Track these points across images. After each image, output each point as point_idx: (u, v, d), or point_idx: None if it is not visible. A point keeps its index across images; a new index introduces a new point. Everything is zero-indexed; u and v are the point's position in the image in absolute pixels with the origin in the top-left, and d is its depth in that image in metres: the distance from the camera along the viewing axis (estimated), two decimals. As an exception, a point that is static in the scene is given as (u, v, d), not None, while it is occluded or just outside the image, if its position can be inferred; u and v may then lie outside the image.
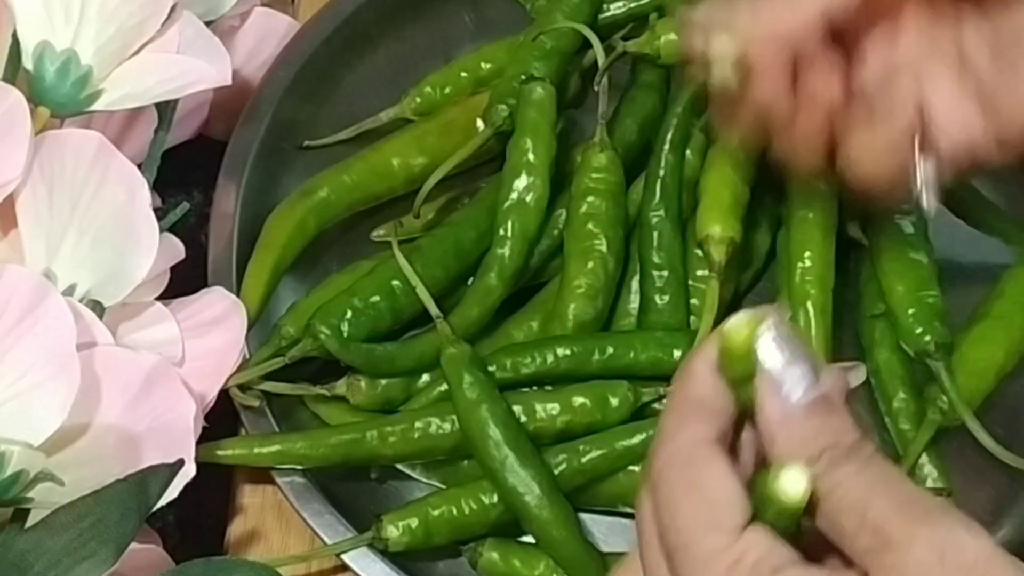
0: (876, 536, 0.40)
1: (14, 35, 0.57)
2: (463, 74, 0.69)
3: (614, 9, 0.69)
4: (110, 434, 0.53)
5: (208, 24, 0.61)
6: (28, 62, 0.57)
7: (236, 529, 0.59)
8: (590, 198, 0.61)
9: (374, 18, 0.71)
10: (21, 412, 0.50)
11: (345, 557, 0.56)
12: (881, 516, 0.40)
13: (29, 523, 0.50)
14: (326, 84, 0.69)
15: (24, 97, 0.55)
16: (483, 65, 0.69)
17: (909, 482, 0.41)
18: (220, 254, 0.62)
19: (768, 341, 0.41)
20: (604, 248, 0.61)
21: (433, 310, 0.59)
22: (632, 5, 0.69)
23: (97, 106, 0.58)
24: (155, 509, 0.49)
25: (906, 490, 0.40)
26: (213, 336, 0.58)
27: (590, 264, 0.61)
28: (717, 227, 0.61)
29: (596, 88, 0.62)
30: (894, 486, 0.40)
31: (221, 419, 0.58)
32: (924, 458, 0.61)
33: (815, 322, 0.61)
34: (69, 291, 0.55)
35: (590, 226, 0.61)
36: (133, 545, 0.48)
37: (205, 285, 0.60)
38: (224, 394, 0.58)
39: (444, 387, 0.59)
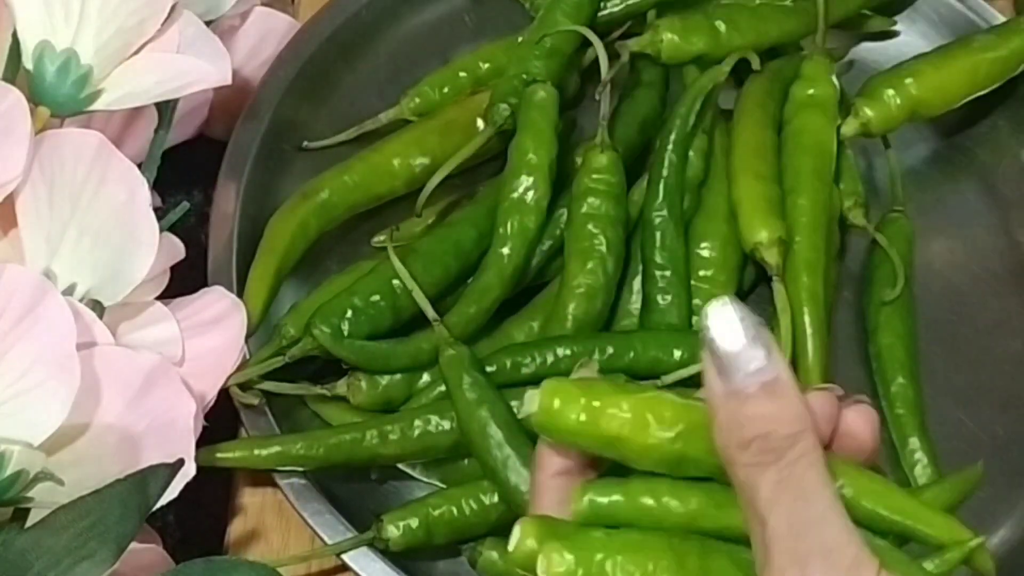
0: (763, 554, 0.39)
1: (14, 35, 0.57)
2: (462, 74, 0.69)
3: (611, 7, 0.69)
4: (110, 434, 0.53)
5: (208, 24, 0.61)
6: (28, 61, 0.57)
7: (236, 529, 0.59)
8: (591, 198, 0.61)
9: (374, 18, 0.71)
10: (21, 412, 0.50)
11: (345, 557, 0.56)
12: (770, 536, 0.39)
13: (29, 523, 0.50)
14: (326, 84, 0.69)
15: (24, 96, 0.55)
16: (482, 65, 0.69)
17: (823, 498, 0.39)
18: (220, 254, 0.62)
19: (717, 316, 0.40)
20: (604, 248, 0.61)
21: (429, 312, 0.59)
22: (630, 2, 0.69)
23: (97, 106, 0.58)
24: (155, 509, 0.49)
25: (810, 513, 0.39)
26: (213, 335, 0.58)
27: (590, 264, 0.61)
28: (764, 232, 0.61)
29: (597, 97, 0.62)
30: (799, 503, 0.39)
31: (221, 419, 0.58)
32: (916, 443, 0.61)
33: (808, 309, 0.61)
34: (69, 291, 0.55)
35: (590, 226, 0.61)
36: (133, 545, 0.48)
37: (205, 285, 0.60)
38: (224, 394, 0.58)
39: (445, 386, 0.59)
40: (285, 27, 0.69)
